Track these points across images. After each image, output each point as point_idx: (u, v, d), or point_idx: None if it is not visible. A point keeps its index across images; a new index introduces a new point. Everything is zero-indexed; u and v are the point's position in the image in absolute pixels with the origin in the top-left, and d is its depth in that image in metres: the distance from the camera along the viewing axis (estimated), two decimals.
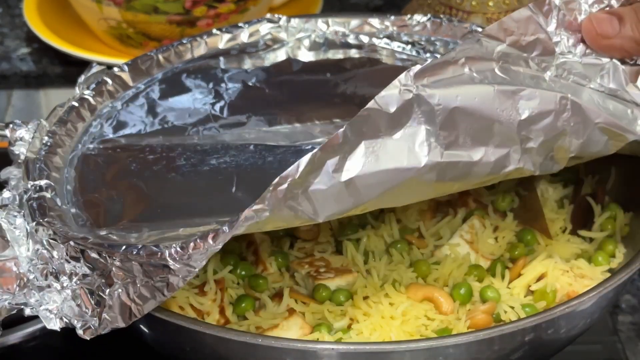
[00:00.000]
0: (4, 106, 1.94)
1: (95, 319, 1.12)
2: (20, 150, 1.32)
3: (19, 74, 1.97)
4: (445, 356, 1.12)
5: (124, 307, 1.10)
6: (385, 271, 1.30)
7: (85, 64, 1.50)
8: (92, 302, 1.12)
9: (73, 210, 1.25)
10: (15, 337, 1.38)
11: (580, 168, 1.48)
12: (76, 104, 1.39)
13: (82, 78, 1.44)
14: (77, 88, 1.44)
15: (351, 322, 1.23)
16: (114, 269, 1.10)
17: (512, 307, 1.25)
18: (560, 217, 1.39)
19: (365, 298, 1.25)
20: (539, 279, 1.29)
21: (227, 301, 1.27)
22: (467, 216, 1.37)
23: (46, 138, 1.33)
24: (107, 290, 1.11)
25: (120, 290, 1.10)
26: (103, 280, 1.11)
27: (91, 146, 1.36)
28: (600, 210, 1.39)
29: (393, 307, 1.23)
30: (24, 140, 1.33)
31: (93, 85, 1.43)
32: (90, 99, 1.41)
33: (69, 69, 1.94)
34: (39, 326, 1.39)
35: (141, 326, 1.21)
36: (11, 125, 1.34)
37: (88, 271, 1.12)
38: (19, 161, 1.30)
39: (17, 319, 1.40)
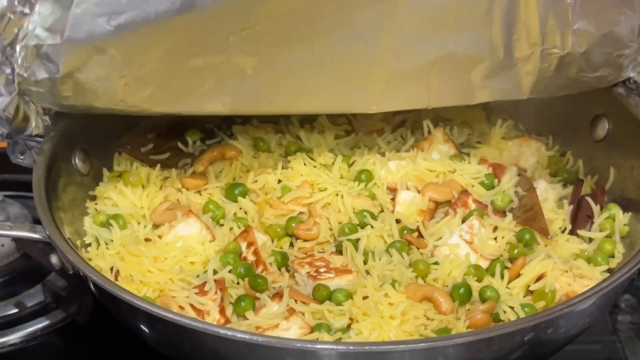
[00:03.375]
0: None
1: None
2: None
3: None
4: (444, 356, 1.12)
5: None
6: (385, 271, 1.30)
7: None
8: None
9: None
10: (15, 337, 1.39)
11: (580, 168, 1.48)
12: None
13: None
14: None
15: (351, 322, 1.24)
16: None
17: (512, 307, 1.26)
18: (559, 217, 1.39)
19: (365, 298, 1.25)
20: (538, 279, 1.29)
21: (227, 301, 1.27)
22: (467, 216, 1.37)
23: None
24: None
25: None
26: None
27: None
28: (599, 211, 1.40)
29: (392, 307, 1.23)
30: None
31: None
32: None
33: None
34: (39, 326, 1.40)
35: (141, 326, 1.21)
36: None
37: None
38: None
39: (17, 319, 1.41)
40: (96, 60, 1.23)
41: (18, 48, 1.24)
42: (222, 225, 1.39)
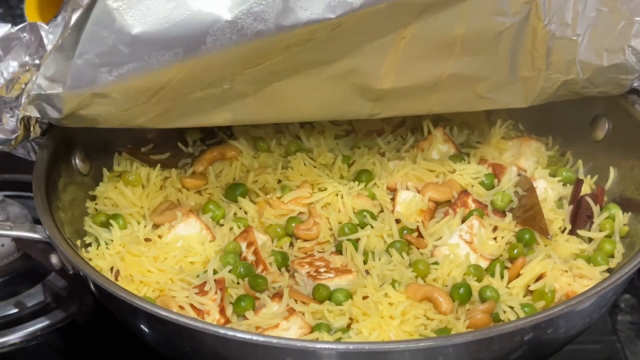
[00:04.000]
0: None
1: None
2: None
3: None
4: (444, 356, 1.12)
5: None
6: (385, 271, 1.30)
7: None
8: None
9: None
10: (15, 337, 1.39)
11: (579, 168, 1.48)
12: None
13: None
14: None
15: (350, 322, 1.24)
16: None
17: (511, 307, 1.26)
18: (559, 217, 1.39)
19: (365, 298, 1.25)
20: (538, 279, 1.29)
21: (227, 301, 1.27)
22: (467, 216, 1.37)
23: None
24: None
25: None
26: None
27: None
28: (599, 211, 1.39)
29: (392, 307, 1.23)
30: None
31: None
32: None
33: None
34: (39, 326, 1.40)
35: (141, 326, 1.21)
36: None
37: None
38: None
39: (17, 319, 1.41)
40: (98, 102, 1.24)
41: (23, 98, 1.25)
42: (222, 225, 1.39)
